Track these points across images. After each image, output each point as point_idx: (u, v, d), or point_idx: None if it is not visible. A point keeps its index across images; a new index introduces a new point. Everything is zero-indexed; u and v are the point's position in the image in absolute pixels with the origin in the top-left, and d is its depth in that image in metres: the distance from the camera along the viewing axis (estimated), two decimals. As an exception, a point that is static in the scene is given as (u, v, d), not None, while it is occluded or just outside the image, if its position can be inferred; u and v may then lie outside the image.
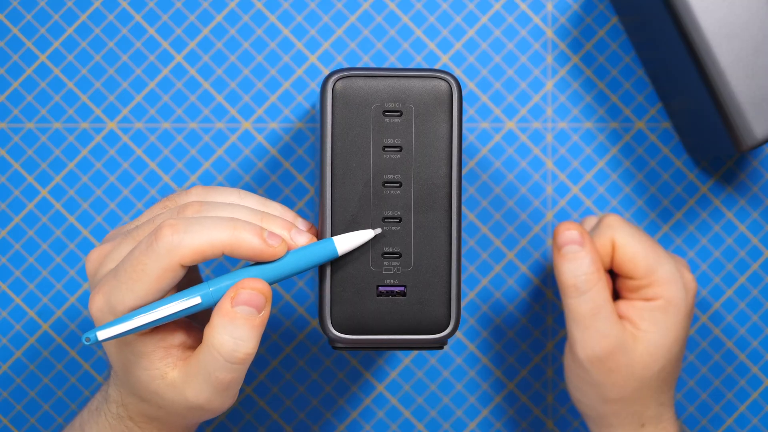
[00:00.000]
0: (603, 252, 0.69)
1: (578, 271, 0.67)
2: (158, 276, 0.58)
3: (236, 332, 0.58)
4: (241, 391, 0.77)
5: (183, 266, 0.58)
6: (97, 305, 0.59)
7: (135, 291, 0.58)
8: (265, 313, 0.58)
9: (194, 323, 0.64)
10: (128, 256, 0.58)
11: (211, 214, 0.60)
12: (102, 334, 0.58)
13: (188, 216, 0.60)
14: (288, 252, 0.59)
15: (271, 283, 0.60)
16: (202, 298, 0.58)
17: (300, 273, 0.60)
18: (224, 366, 0.58)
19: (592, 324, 0.67)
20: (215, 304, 0.59)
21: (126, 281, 0.58)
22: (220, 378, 0.59)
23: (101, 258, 0.61)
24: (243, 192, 0.62)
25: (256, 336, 0.58)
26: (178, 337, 0.61)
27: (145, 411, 0.62)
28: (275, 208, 0.62)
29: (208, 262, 0.77)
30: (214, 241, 0.58)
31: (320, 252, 0.60)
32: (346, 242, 0.60)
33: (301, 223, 0.61)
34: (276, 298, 0.78)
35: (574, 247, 0.68)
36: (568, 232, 0.68)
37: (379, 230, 0.60)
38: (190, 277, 0.65)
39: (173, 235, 0.58)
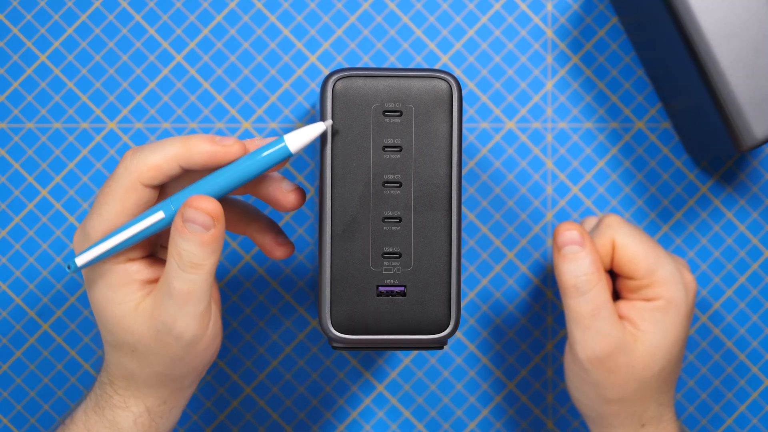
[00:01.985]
0: (603, 252, 0.69)
1: (578, 272, 0.67)
2: (122, 197, 0.61)
3: (186, 246, 0.60)
4: (241, 390, 0.77)
5: (145, 185, 0.61)
6: (76, 238, 0.63)
7: (104, 215, 0.61)
8: (216, 231, 0.60)
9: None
10: (99, 191, 0.62)
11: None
12: (80, 260, 0.61)
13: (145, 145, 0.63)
14: (242, 158, 0.61)
15: (228, 191, 0.61)
16: (165, 213, 0.61)
17: (255, 176, 0.61)
18: (178, 274, 0.61)
19: (592, 324, 0.67)
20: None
21: (96, 208, 0.62)
22: (177, 288, 0.61)
23: (82, 227, 0.64)
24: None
25: (207, 251, 0.60)
26: (156, 271, 0.63)
27: (121, 368, 0.64)
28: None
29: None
30: (168, 155, 0.61)
31: (271, 150, 0.60)
32: (297, 139, 0.60)
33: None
34: (276, 298, 0.78)
35: (574, 247, 0.68)
36: (568, 233, 0.68)
37: (330, 122, 0.60)
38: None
39: (132, 157, 0.61)
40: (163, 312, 0.62)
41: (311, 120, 0.77)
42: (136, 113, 0.77)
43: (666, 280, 0.68)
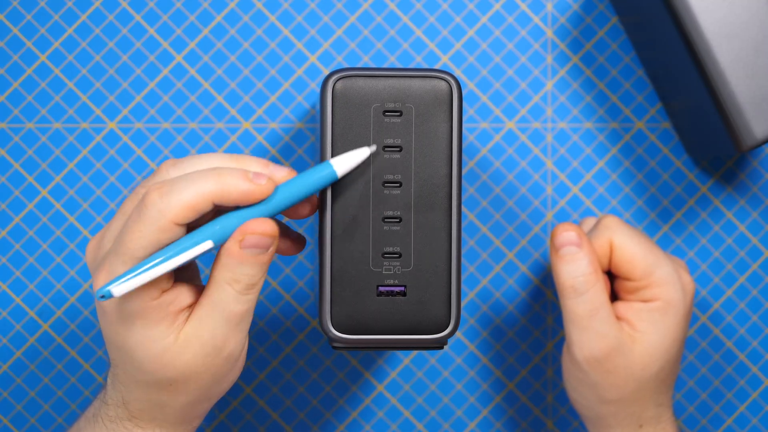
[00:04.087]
0: (601, 253, 0.69)
1: (576, 273, 0.67)
2: (156, 239, 0.58)
3: (246, 270, 0.59)
4: (241, 390, 0.77)
5: (178, 224, 0.58)
6: (101, 284, 0.59)
7: (137, 258, 0.58)
8: (273, 248, 0.59)
9: (192, 281, 0.65)
10: (123, 230, 0.59)
11: (190, 169, 0.61)
12: (118, 289, 0.57)
13: (171, 177, 0.60)
14: (286, 182, 0.60)
15: (274, 215, 0.60)
16: (214, 241, 0.59)
17: (303, 199, 0.60)
18: (236, 298, 0.60)
19: (589, 325, 0.67)
20: (224, 242, 0.59)
21: (125, 252, 0.58)
22: (235, 311, 0.60)
23: (97, 244, 0.61)
24: (212, 154, 0.63)
25: (265, 269, 0.60)
26: (187, 297, 0.61)
27: (151, 403, 0.62)
28: (249, 159, 0.62)
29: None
30: (203, 193, 0.58)
31: (319, 175, 0.59)
32: (343, 163, 0.60)
33: (277, 169, 0.62)
34: (276, 298, 0.78)
35: (571, 248, 0.68)
36: (566, 233, 0.68)
37: (374, 147, 0.60)
38: (188, 270, 0.65)
39: (161, 198, 0.58)
40: (216, 335, 0.60)
41: (311, 120, 0.77)
42: (136, 113, 0.77)
43: (664, 281, 0.68)
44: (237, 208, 0.60)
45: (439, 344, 0.62)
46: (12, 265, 0.77)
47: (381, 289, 0.61)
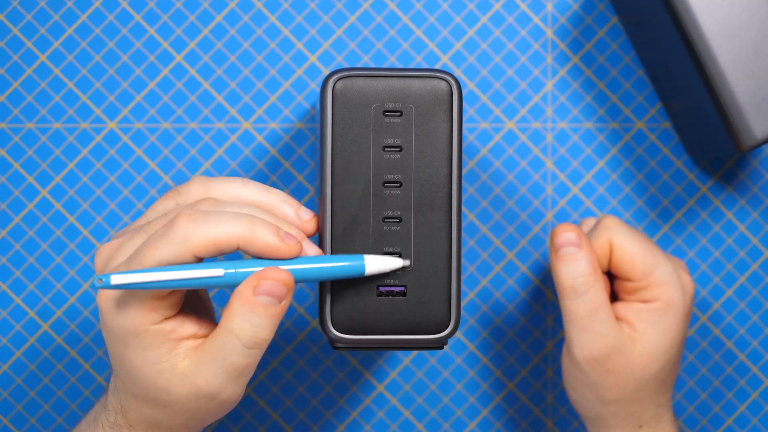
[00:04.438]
0: (600, 253, 0.69)
1: (575, 273, 0.67)
2: (170, 261, 0.58)
3: (256, 320, 0.58)
4: (241, 391, 0.78)
5: (196, 257, 0.58)
6: (105, 293, 0.59)
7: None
8: (286, 303, 0.58)
9: (201, 314, 0.64)
10: (143, 244, 0.58)
11: (220, 191, 0.60)
12: (116, 279, 0.57)
13: (204, 209, 0.60)
14: (318, 258, 0.59)
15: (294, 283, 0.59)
16: (224, 274, 0.58)
17: (319, 280, 0.59)
18: (241, 351, 0.58)
19: (589, 325, 0.67)
20: (235, 285, 0.59)
21: (137, 264, 0.58)
22: (236, 363, 0.59)
23: (111, 253, 0.61)
24: (246, 180, 0.62)
25: (275, 324, 0.58)
26: (190, 328, 0.60)
27: (147, 417, 0.62)
28: (278, 195, 0.61)
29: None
30: (231, 234, 0.58)
31: (349, 266, 0.59)
32: (376, 264, 0.60)
33: (304, 212, 0.61)
34: (276, 298, 0.78)
35: (571, 248, 0.68)
36: (566, 234, 0.68)
37: (408, 262, 0.60)
38: (199, 303, 0.65)
39: (189, 224, 0.57)
40: (212, 383, 0.59)
41: (311, 120, 0.77)
42: (136, 113, 0.77)
43: (663, 282, 0.68)
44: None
45: (439, 344, 0.62)
46: (12, 265, 0.77)
47: (381, 289, 0.61)
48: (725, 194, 0.78)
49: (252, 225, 0.58)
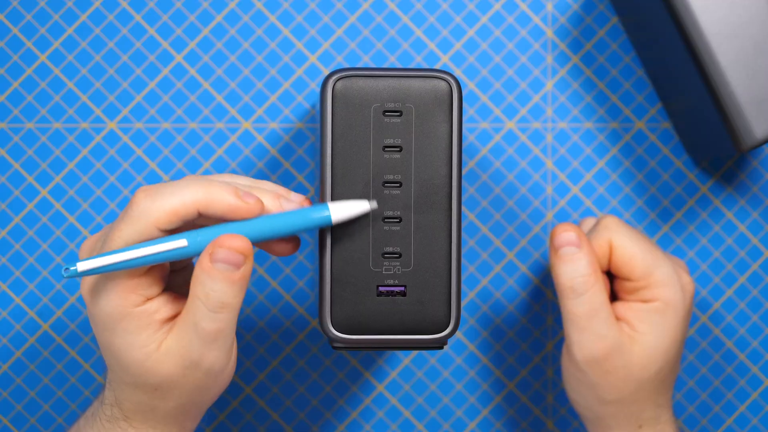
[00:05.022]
0: (600, 253, 0.69)
1: (575, 273, 0.67)
2: (135, 239, 0.58)
3: (216, 286, 0.58)
4: (241, 390, 0.77)
5: (160, 229, 0.58)
6: (87, 283, 0.60)
7: None
8: (245, 269, 0.59)
9: (178, 287, 0.65)
10: (109, 229, 0.59)
11: (186, 180, 0.61)
12: (83, 265, 0.58)
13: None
14: (282, 213, 0.59)
15: (258, 241, 0.59)
16: (189, 243, 0.58)
17: (290, 234, 0.59)
18: (209, 315, 0.59)
19: (588, 325, 0.67)
20: (199, 249, 0.59)
21: (106, 251, 0.59)
22: (207, 328, 0.59)
23: (92, 245, 0.62)
24: (234, 175, 0.63)
25: (237, 289, 0.59)
26: (174, 307, 0.61)
27: (141, 404, 0.62)
28: (267, 183, 0.62)
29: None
30: (188, 200, 0.58)
31: (313, 215, 0.59)
32: (341, 210, 0.60)
33: (293, 196, 0.61)
34: (276, 298, 0.78)
35: (570, 248, 0.68)
36: (565, 234, 0.68)
37: (374, 203, 0.60)
38: (186, 284, 0.65)
39: (145, 199, 0.58)
40: (191, 350, 0.60)
41: (311, 120, 0.77)
42: (136, 113, 0.77)
43: (663, 282, 0.68)
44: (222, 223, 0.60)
45: (439, 344, 0.62)
46: (12, 265, 0.77)
47: (381, 289, 0.61)
48: (725, 194, 0.78)
49: (209, 188, 0.59)
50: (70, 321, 0.77)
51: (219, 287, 0.59)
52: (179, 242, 0.58)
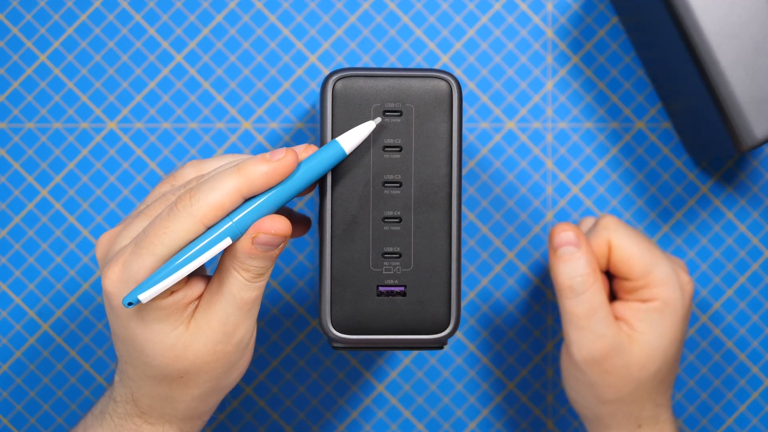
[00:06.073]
0: (599, 253, 0.69)
1: (574, 273, 0.67)
2: (180, 238, 0.58)
3: (255, 262, 0.59)
4: (241, 390, 0.77)
5: (205, 225, 0.59)
6: (113, 277, 0.59)
7: (156, 254, 0.58)
8: (284, 244, 0.60)
9: (201, 271, 0.65)
10: (148, 226, 0.59)
11: (214, 172, 0.61)
12: (145, 296, 0.58)
13: (192, 177, 0.61)
14: (304, 161, 0.60)
15: (290, 200, 0.60)
16: (232, 238, 0.59)
17: (312, 182, 0.60)
18: (246, 285, 0.60)
19: (587, 325, 0.67)
20: (240, 235, 0.60)
21: (147, 246, 0.58)
22: (245, 297, 0.60)
23: (112, 239, 0.61)
24: (236, 154, 0.63)
25: (274, 260, 0.60)
26: (198, 289, 0.61)
27: (159, 399, 0.62)
28: (266, 154, 0.62)
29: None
30: (228, 190, 0.58)
31: (328, 155, 0.59)
32: (350, 139, 0.60)
33: (297, 147, 0.62)
34: (276, 298, 0.78)
35: (569, 248, 0.68)
36: (564, 233, 0.68)
37: (379, 119, 0.60)
38: None
39: (191, 199, 0.58)
40: (227, 323, 0.60)
41: (311, 120, 0.77)
42: (136, 113, 0.77)
43: (662, 281, 0.68)
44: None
45: (439, 344, 0.62)
46: (12, 265, 0.77)
47: (381, 289, 0.61)
48: (725, 194, 0.78)
49: (241, 171, 0.59)
50: (70, 321, 0.77)
51: (259, 263, 0.59)
52: (225, 243, 0.59)
